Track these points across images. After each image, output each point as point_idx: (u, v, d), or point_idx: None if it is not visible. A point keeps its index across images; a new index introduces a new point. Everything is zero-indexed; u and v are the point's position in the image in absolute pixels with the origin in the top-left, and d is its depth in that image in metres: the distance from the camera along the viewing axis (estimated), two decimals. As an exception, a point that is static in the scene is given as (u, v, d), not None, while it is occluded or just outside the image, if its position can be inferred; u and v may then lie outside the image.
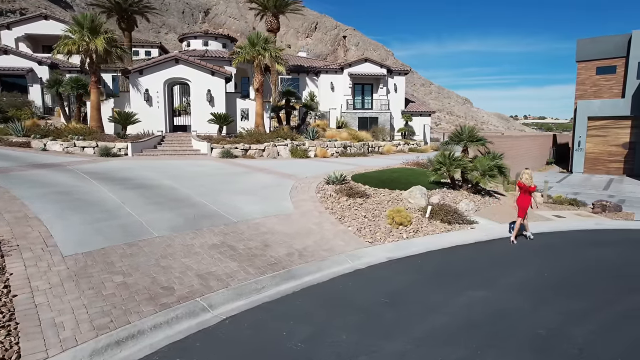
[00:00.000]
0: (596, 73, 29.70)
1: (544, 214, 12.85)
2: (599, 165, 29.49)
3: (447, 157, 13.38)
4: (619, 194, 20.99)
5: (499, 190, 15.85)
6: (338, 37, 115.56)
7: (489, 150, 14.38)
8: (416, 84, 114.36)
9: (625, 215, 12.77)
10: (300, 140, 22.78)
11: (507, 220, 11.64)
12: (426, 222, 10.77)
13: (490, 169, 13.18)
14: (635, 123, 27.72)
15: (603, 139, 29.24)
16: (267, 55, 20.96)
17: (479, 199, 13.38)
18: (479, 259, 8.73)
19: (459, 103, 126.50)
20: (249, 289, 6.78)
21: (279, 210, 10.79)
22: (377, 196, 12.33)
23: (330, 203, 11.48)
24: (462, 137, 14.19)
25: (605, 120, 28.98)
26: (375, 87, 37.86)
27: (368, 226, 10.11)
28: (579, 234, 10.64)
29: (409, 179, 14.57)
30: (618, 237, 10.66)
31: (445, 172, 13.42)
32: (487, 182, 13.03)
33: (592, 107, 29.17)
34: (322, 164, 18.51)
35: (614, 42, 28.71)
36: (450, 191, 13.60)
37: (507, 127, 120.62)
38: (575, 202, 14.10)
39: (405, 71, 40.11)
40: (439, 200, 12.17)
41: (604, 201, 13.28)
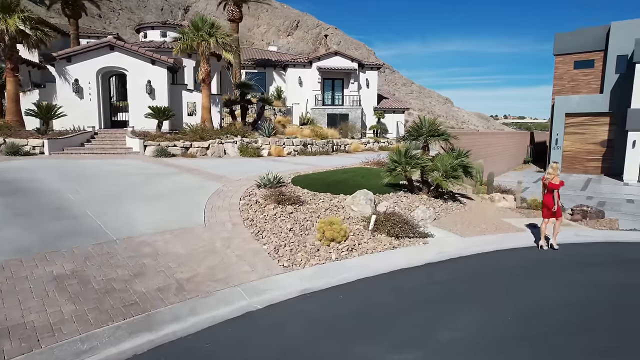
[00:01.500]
0: (574, 67, 28.18)
1: (515, 222, 10.82)
2: (577, 164, 27.97)
3: (403, 155, 11.26)
4: (598, 195, 19.31)
5: (467, 194, 13.84)
6: (320, 36, 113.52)
7: (453, 147, 12.32)
8: (397, 84, 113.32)
9: (608, 223, 10.88)
10: (252, 137, 20.47)
11: (471, 231, 9.55)
12: (368, 236, 8.60)
13: (454, 168, 11.11)
14: (613, 120, 26.28)
15: (581, 137, 27.72)
16: (213, 41, 18.56)
17: (440, 204, 11.29)
18: (422, 291, 6.56)
19: (440, 103, 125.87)
20: (65, 354, 4.48)
21: (184, 222, 8.48)
22: (314, 203, 10.11)
23: (252, 212, 9.21)
24: (421, 131, 12.08)
25: (584, 117, 27.46)
26: (346, 82, 35.77)
27: (290, 243, 7.89)
28: (556, 251, 8.61)
29: (361, 181, 12.41)
30: (604, 254, 8.66)
31: (402, 173, 11.30)
32: (448, 185, 10.94)
33: (570, 103, 27.63)
34: (271, 164, 16.26)
35: (592, 34, 27.21)
36: (407, 195, 11.49)
37: (487, 126, 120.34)
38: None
39: (378, 66, 38.16)
40: (389, 207, 10.01)
41: (584, 206, 11.38)
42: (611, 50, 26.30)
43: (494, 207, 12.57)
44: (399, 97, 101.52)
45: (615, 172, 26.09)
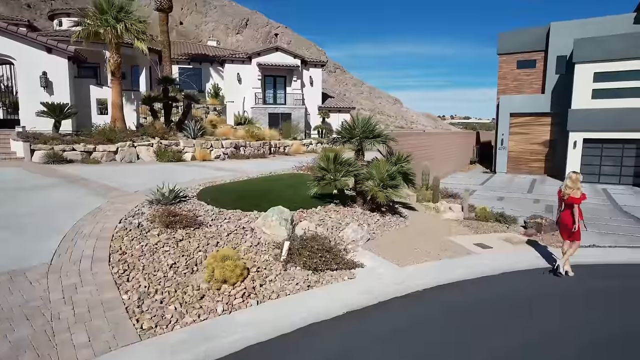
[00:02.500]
0: (517, 67, 27.84)
1: (463, 240, 9.22)
2: (522, 164, 27.65)
3: (332, 162, 9.36)
4: (544, 198, 18.54)
5: (409, 203, 12.21)
6: (270, 35, 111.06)
7: (391, 151, 10.60)
8: (348, 84, 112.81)
9: (564, 237, 9.61)
10: (174, 139, 17.89)
11: (411, 256, 7.78)
12: (278, 271, 6.59)
13: (391, 176, 9.36)
14: (555, 120, 26.11)
15: (525, 137, 27.40)
16: (121, 27, 15.82)
17: (376, 220, 9.50)
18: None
19: (390, 103, 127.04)
20: None
21: (20, 260, 6.05)
22: (217, 224, 7.95)
23: (127, 242, 6.91)
24: (353, 132, 10.25)
25: (527, 117, 27.16)
26: (289, 79, 33.72)
27: (165, 289, 5.71)
28: (514, 284, 7.00)
29: (286, 192, 10.40)
30: (572, 286, 7.16)
31: (332, 182, 9.40)
32: (385, 196, 9.15)
33: (513, 103, 27.23)
34: (188, 171, 13.90)
35: (533, 34, 26.97)
36: (338, 209, 9.61)
37: (435, 126, 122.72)
38: (503, 219, 10.78)
39: (322, 63, 36.44)
40: (311, 227, 8.04)
41: (538, 218, 10.06)
42: (551, 50, 26.12)
43: (440, 219, 11.01)
44: (348, 96, 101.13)
45: (557, 173, 25.90)
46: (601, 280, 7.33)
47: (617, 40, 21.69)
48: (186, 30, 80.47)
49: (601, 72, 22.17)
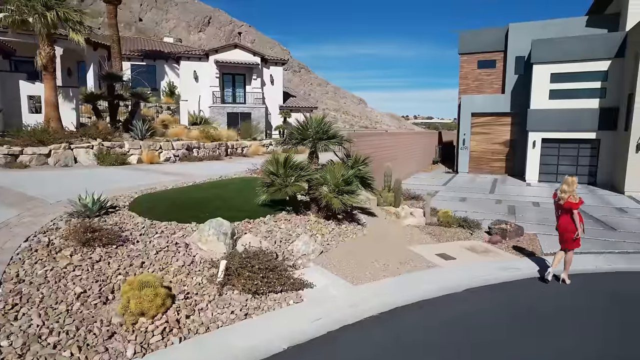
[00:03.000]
0: (478, 67, 27.89)
1: (425, 250, 8.53)
2: (483, 164, 27.72)
3: (283, 165, 8.45)
4: (506, 198, 18.37)
5: (369, 207, 11.47)
6: (233, 33, 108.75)
7: (348, 153, 9.82)
8: (313, 84, 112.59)
9: (529, 243, 9.10)
10: (118, 140, 16.44)
11: (368, 272, 7.00)
12: (213, 296, 5.63)
13: (347, 181, 8.56)
14: (514, 120, 26.30)
15: (486, 137, 27.47)
16: (52, 15, 14.24)
17: (331, 229, 8.68)
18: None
19: (355, 103, 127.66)
20: None
21: None
22: (147, 239, 6.87)
23: (29, 265, 5.74)
24: (306, 132, 9.38)
25: (488, 117, 27.23)
26: (248, 78, 32.51)
27: (64, 327, 4.63)
28: (480, 301, 6.33)
29: (233, 199, 9.41)
30: (547, 301, 6.56)
31: (282, 188, 8.48)
32: (340, 202, 8.34)
33: (475, 103, 27.23)
34: (131, 175, 12.64)
35: (493, 35, 27.07)
36: (289, 218, 8.72)
37: (398, 126, 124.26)
38: (466, 224, 10.21)
39: (283, 61, 35.43)
40: (256, 241, 7.10)
41: (502, 223, 9.54)
42: (510, 51, 26.25)
43: (400, 226, 10.32)
44: (313, 96, 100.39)
45: (518, 172, 26.07)
46: (577, 292, 6.82)
47: (571, 43, 21.95)
48: (146, 27, 77.13)
49: (557, 73, 22.38)
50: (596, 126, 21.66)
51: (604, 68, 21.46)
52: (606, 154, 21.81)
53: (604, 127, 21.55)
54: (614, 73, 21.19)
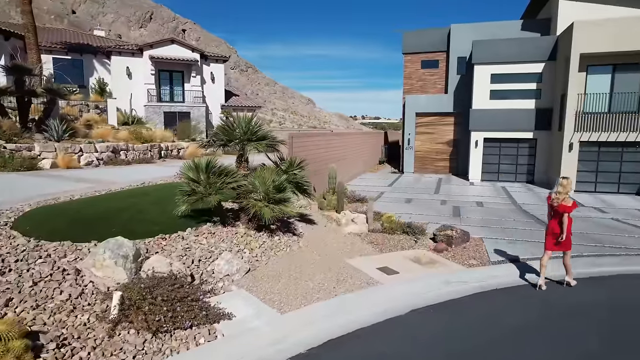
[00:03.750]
0: (421, 67, 27.99)
1: (365, 264, 7.73)
2: (428, 164, 27.86)
3: (204, 171, 7.35)
4: (450, 198, 18.25)
5: (309, 214, 10.59)
6: (177, 31, 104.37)
7: (282, 156, 8.86)
8: (261, 83, 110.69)
9: (475, 250, 8.60)
10: (27, 142, 14.44)
11: (300, 294, 6.09)
12: (101, 338, 4.46)
13: (279, 188, 7.60)
14: (457, 120, 26.62)
15: (431, 136, 27.62)
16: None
17: (262, 242, 7.69)
18: None
19: (303, 103, 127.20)
20: None
21: None
22: (25, 266, 5.53)
23: None
24: (234, 133, 8.29)
25: (432, 117, 27.39)
26: (187, 75, 30.67)
27: None
28: (426, 324, 5.59)
29: (149, 210, 8.15)
30: (491, 323, 5.95)
31: (204, 197, 7.37)
32: (271, 212, 7.37)
33: (419, 103, 27.28)
34: (34, 182, 10.93)
35: (436, 35, 27.27)
36: (215, 230, 7.63)
37: (347, 126, 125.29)
38: (410, 230, 9.58)
39: (224, 58, 33.83)
40: (154, 267, 5.94)
41: (448, 229, 8.99)
42: (452, 51, 26.52)
43: (341, 234, 9.52)
44: (261, 96, 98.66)
45: (461, 172, 26.39)
46: (529, 307, 6.29)
47: (509, 45, 22.43)
48: (80, 20, 71.62)
49: (497, 74, 22.79)
50: (533, 126, 22.24)
51: (538, 70, 22.07)
52: (542, 153, 22.46)
53: (540, 127, 22.16)
54: (548, 75, 21.85)
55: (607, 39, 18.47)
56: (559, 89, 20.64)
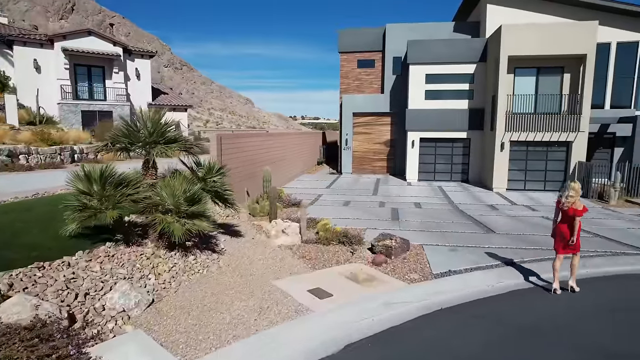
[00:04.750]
0: (357, 66, 27.67)
1: (294, 286, 6.70)
2: (366, 164, 27.60)
3: (99, 181, 5.99)
4: (389, 199, 17.87)
5: (235, 224, 9.44)
6: (104, 24, 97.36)
7: (199, 162, 7.66)
8: (197, 82, 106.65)
9: (416, 260, 7.91)
10: None
11: (211, 331, 4.97)
12: None
13: (192, 199, 6.42)
14: (394, 120, 26.60)
15: (368, 137, 27.37)
16: None
17: (174, 263, 6.48)
18: None
19: (241, 103, 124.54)
20: None
21: None
22: None
23: None
24: (137, 135, 6.95)
25: (369, 117, 27.15)
26: (109, 71, 28.04)
27: None
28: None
29: (31, 229, 6.61)
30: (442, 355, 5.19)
31: (98, 213, 6.01)
32: (182, 228, 6.18)
33: (356, 102, 26.92)
34: None
35: (372, 34, 27.06)
36: (117, 251, 6.29)
37: (286, 126, 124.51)
38: (347, 239, 8.73)
39: (150, 54, 31.48)
40: (13, 312, 4.58)
41: (387, 238, 8.26)
42: (388, 51, 26.43)
43: (271, 247, 8.48)
44: (197, 95, 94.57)
45: (399, 172, 26.37)
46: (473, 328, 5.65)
47: (442, 45, 22.64)
48: (-22, 7, 63.97)
49: (431, 74, 22.93)
50: (466, 126, 22.59)
51: (470, 71, 22.46)
52: (476, 153, 22.91)
53: (473, 127, 22.56)
54: (479, 76, 22.29)
55: (532, 43, 19.07)
56: (490, 89, 21.08)
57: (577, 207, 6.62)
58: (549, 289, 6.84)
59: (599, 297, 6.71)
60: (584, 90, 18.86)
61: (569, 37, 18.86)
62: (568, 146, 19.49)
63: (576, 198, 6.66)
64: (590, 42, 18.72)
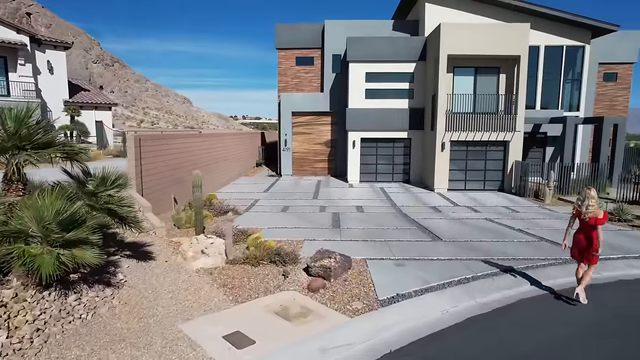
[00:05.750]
0: (296, 63, 26.49)
1: (204, 332, 5.22)
2: (307, 165, 26.50)
3: None
4: (330, 203, 16.89)
5: (148, 244, 7.83)
6: (19, 14, 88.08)
7: (87, 170, 6.04)
8: (130, 80, 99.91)
9: (360, 282, 6.82)
10: None
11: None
12: None
13: (70, 222, 4.84)
14: (334, 119, 25.76)
15: (308, 137, 26.27)
16: None
17: (45, 307, 4.85)
18: None
19: (179, 102, 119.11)
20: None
21: None
22: None
23: None
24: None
25: (309, 116, 26.06)
26: (12, 62, 24.60)
27: None
28: None
29: None
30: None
31: None
32: (54, 263, 4.61)
33: (295, 101, 25.71)
34: None
35: (310, 31, 26.00)
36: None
37: (227, 126, 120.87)
38: (280, 258, 7.38)
39: (65, 44, 28.21)
40: None
41: (325, 257, 7.02)
42: (327, 48, 25.51)
43: (186, 273, 6.99)
44: (130, 93, 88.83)
45: (340, 173, 25.58)
46: None
47: (382, 43, 22.09)
48: None
49: (371, 73, 22.30)
50: (407, 126, 22.21)
51: (410, 70, 22.10)
52: (417, 153, 22.61)
53: (414, 126, 22.22)
54: (419, 75, 22.00)
55: (469, 42, 18.96)
56: (430, 89, 20.79)
57: (598, 216, 6.25)
58: (507, 314, 6.04)
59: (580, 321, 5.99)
60: (519, 90, 19.05)
61: (503, 38, 18.96)
62: (505, 146, 19.63)
63: (596, 206, 6.29)
64: (523, 44, 18.94)
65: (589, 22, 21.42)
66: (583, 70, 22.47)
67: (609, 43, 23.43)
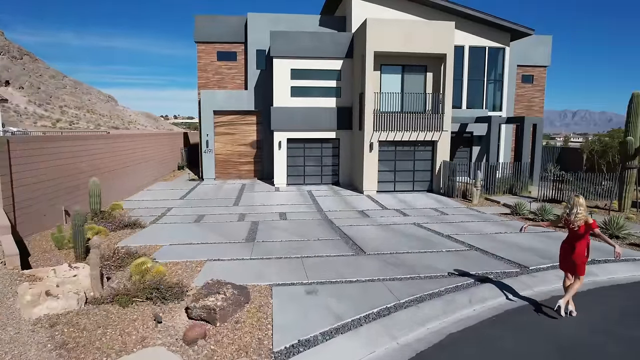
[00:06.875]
0: (218, 59, 24.50)
1: None
2: (231, 168, 24.62)
3: None
4: (252, 210, 15.38)
5: None
6: None
7: None
8: (44, 75, 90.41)
9: (257, 325, 5.31)
10: None
11: None
12: None
13: None
14: (260, 119, 24.18)
15: (232, 137, 24.39)
16: None
17: None
18: None
19: (102, 100, 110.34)
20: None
21: None
22: None
23: None
24: None
25: (232, 115, 24.19)
26: None
27: None
28: None
29: None
30: None
31: None
32: None
33: (216, 99, 23.72)
34: None
35: (232, 24, 24.15)
36: None
37: (156, 126, 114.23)
38: (159, 294, 5.68)
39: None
40: None
41: (214, 293, 5.38)
42: (251, 43, 23.85)
43: (20, 325, 5.07)
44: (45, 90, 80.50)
45: (267, 176, 24.09)
46: None
47: (308, 38, 20.92)
48: None
49: (297, 69, 21.05)
50: (335, 125, 21.23)
51: (337, 67, 21.14)
52: (345, 154, 21.73)
53: (342, 126, 21.29)
54: (346, 73, 21.11)
55: (396, 39, 18.35)
56: (358, 87, 19.94)
57: (589, 222, 5.96)
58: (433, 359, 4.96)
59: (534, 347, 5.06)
60: (445, 89, 18.75)
61: (430, 36, 18.55)
62: (434, 145, 19.25)
63: (584, 213, 5.99)
64: (448, 42, 18.67)
65: (507, 24, 21.79)
66: (504, 72, 22.88)
67: (526, 46, 24.15)
